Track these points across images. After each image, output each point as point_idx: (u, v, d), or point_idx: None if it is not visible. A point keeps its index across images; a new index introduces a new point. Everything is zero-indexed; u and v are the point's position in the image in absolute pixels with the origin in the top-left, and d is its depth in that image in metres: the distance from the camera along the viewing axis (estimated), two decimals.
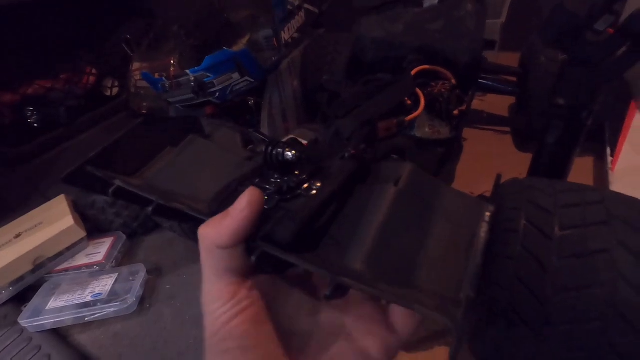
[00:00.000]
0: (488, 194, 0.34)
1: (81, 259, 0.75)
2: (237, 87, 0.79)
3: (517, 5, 0.92)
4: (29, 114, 0.98)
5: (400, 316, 0.25)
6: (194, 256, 0.77)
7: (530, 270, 0.35)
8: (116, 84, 1.16)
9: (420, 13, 0.87)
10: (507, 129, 0.97)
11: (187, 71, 0.75)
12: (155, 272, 0.74)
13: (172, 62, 1.08)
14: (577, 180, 0.47)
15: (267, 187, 0.28)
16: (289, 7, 0.97)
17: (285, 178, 0.29)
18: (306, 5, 1.08)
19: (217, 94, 0.78)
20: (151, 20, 1.20)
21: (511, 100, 1.03)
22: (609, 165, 0.67)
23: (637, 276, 0.32)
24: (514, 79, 0.92)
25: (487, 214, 0.33)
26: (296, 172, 0.29)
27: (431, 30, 0.83)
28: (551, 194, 0.40)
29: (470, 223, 0.34)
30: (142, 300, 0.68)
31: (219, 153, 0.36)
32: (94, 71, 1.08)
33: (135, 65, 1.15)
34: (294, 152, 0.28)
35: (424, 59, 0.80)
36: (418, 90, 0.70)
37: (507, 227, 0.39)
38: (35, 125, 0.98)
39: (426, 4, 0.98)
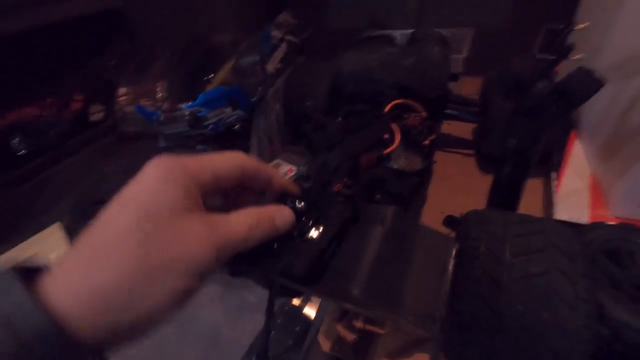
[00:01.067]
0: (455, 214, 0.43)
1: None
2: (229, 120, 0.86)
3: (477, 41, 1.04)
4: (17, 140, 0.99)
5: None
6: None
7: (488, 290, 0.44)
8: (101, 108, 1.18)
9: (393, 52, 0.97)
10: (471, 151, 1.08)
11: (183, 106, 0.80)
12: None
13: (159, 87, 1.12)
14: (529, 199, 0.58)
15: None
16: (272, 41, 1.05)
17: (295, 226, 0.36)
18: (287, 37, 1.15)
19: (211, 126, 0.83)
20: (136, 46, 1.23)
21: (473, 125, 1.15)
22: (554, 189, 0.79)
23: (568, 293, 0.42)
24: (475, 109, 1.04)
25: (454, 250, 0.43)
26: (303, 219, 0.37)
27: (403, 66, 0.93)
28: (504, 225, 0.50)
29: (441, 256, 0.43)
30: None
31: None
32: (80, 97, 1.10)
33: (122, 90, 1.18)
34: (303, 204, 0.36)
35: (398, 93, 0.90)
36: (394, 125, 0.79)
37: (471, 254, 0.48)
38: (24, 150, 0.99)
39: (397, 41, 1.08)
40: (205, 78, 1.14)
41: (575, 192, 0.77)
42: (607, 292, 0.54)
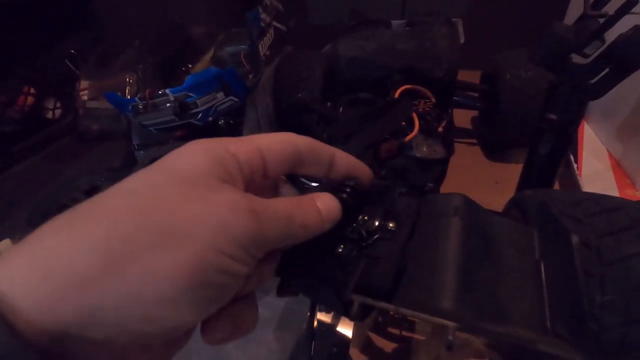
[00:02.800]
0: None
1: None
2: (221, 107, 0.74)
3: (472, 28, 1.01)
4: None
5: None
6: None
7: (585, 281, 0.37)
8: (59, 104, 1.02)
9: (394, 35, 0.91)
10: (474, 140, 1.04)
11: (167, 91, 0.68)
12: None
13: (128, 80, 0.99)
14: None
15: (342, 236, 0.26)
16: (261, 24, 0.95)
17: (362, 223, 0.27)
18: (275, 23, 1.06)
19: (200, 115, 0.72)
20: (98, 34, 1.08)
21: (472, 113, 1.11)
22: (576, 172, 0.76)
23: None
24: (476, 94, 1.00)
25: (536, 239, 0.35)
26: (365, 217, 0.27)
27: (406, 49, 0.87)
28: (573, 204, 0.43)
29: (526, 249, 0.35)
30: None
31: None
32: (32, 90, 0.94)
33: (83, 83, 1.03)
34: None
35: (405, 78, 0.84)
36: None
37: (555, 242, 0.40)
38: None
39: (394, 25, 1.03)
40: (184, 68, 1.02)
41: (599, 174, 0.74)
42: None
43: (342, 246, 0.25)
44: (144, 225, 0.13)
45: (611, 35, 0.48)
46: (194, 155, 0.16)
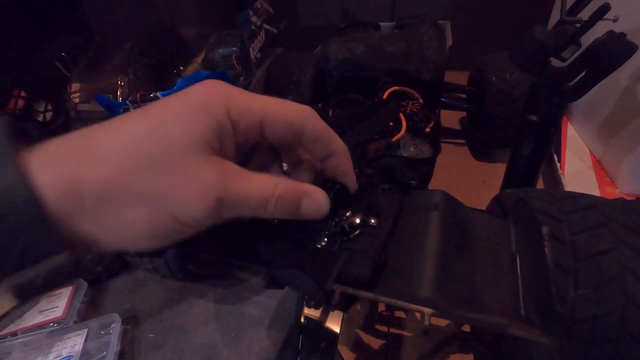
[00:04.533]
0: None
1: (33, 318, 0.63)
2: None
3: (460, 30, 1.03)
4: None
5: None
6: (174, 296, 0.70)
7: (556, 275, 0.39)
8: (50, 107, 1.01)
9: (383, 37, 0.92)
10: (462, 140, 1.06)
11: (158, 94, 0.69)
12: (131, 321, 0.65)
13: (120, 82, 0.99)
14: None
15: (325, 229, 0.28)
16: (252, 26, 0.96)
17: (344, 218, 0.28)
18: (265, 26, 1.07)
19: None
20: (89, 36, 1.08)
21: (461, 114, 1.13)
22: (559, 170, 0.78)
23: None
24: (464, 95, 1.02)
25: (513, 233, 0.37)
26: (348, 213, 0.29)
27: (395, 50, 0.88)
28: (551, 202, 0.45)
29: (502, 242, 0.37)
30: (122, 356, 0.59)
31: None
32: (22, 93, 0.94)
33: (74, 86, 1.03)
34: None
35: (394, 79, 0.85)
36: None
37: (529, 237, 0.42)
38: None
39: (383, 28, 1.04)
40: (175, 71, 1.03)
41: (580, 173, 0.76)
42: None
43: (325, 240, 0.27)
44: (132, 178, 0.17)
45: (587, 39, 0.51)
46: (197, 117, 0.18)
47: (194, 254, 0.69)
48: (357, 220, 0.29)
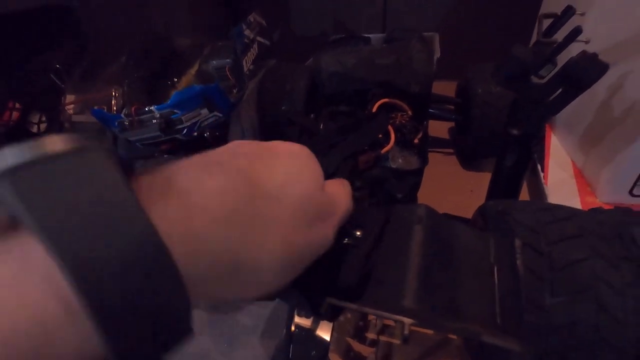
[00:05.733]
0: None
1: None
2: (206, 123, 0.77)
3: (449, 41, 1.06)
4: None
5: None
6: None
7: (531, 284, 0.41)
8: (44, 118, 1.02)
9: (373, 51, 0.95)
10: (450, 150, 1.09)
11: (153, 108, 0.70)
12: None
13: (114, 93, 1.00)
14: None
15: None
16: (245, 40, 0.98)
17: None
18: (258, 38, 1.09)
19: (185, 130, 0.74)
20: (83, 48, 1.10)
21: (449, 124, 1.16)
22: (543, 180, 0.80)
23: (612, 279, 0.40)
24: (452, 107, 1.05)
25: (492, 244, 0.39)
26: None
27: (385, 63, 0.91)
28: (530, 214, 0.47)
29: (482, 253, 0.39)
30: None
31: None
32: (17, 105, 0.94)
33: (69, 97, 1.04)
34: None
35: (383, 92, 0.88)
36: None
37: (506, 248, 0.44)
38: None
39: (373, 40, 1.07)
40: (169, 82, 1.04)
41: (562, 182, 0.79)
42: None
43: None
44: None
45: (563, 58, 0.53)
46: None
47: None
48: (343, 232, 0.30)
